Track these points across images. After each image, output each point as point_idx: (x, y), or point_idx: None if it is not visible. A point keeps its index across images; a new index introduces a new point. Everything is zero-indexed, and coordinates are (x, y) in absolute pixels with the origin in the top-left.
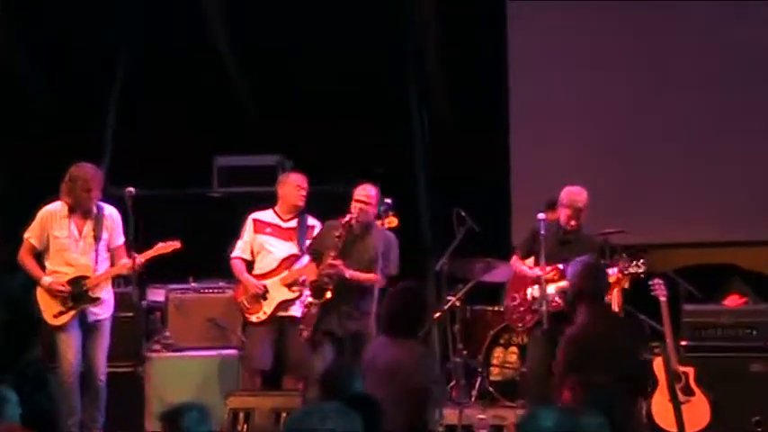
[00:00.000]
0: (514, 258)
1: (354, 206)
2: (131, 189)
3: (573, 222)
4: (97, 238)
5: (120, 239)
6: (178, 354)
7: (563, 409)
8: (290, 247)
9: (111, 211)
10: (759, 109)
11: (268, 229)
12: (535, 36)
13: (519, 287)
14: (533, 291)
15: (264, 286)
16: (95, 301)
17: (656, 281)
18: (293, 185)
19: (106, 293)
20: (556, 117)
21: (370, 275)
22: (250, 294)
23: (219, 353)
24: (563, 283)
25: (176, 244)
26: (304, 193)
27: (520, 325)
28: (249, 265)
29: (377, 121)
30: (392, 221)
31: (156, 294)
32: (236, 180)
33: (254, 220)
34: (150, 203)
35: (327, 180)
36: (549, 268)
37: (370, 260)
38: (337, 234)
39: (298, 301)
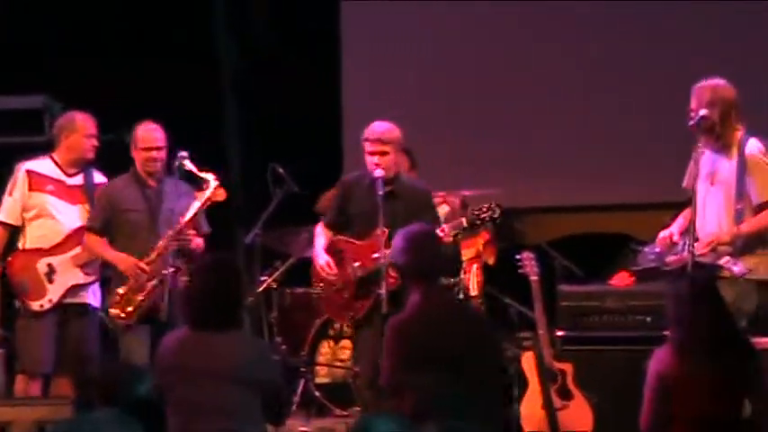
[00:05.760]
0: (319, 229)
1: (144, 156)
2: None
3: (375, 163)
4: None
5: None
6: None
7: (401, 418)
8: (79, 213)
9: None
10: (649, 56)
11: (50, 187)
12: None
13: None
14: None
15: (50, 265)
16: None
17: (526, 255)
18: (83, 133)
19: None
20: (402, 39)
21: (199, 241)
22: (41, 273)
23: None
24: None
25: None
26: (96, 142)
27: (351, 315)
28: (12, 234)
29: (170, 49)
30: (220, 195)
31: None
32: None
33: (30, 173)
34: None
35: (108, 127)
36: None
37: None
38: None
39: (90, 288)
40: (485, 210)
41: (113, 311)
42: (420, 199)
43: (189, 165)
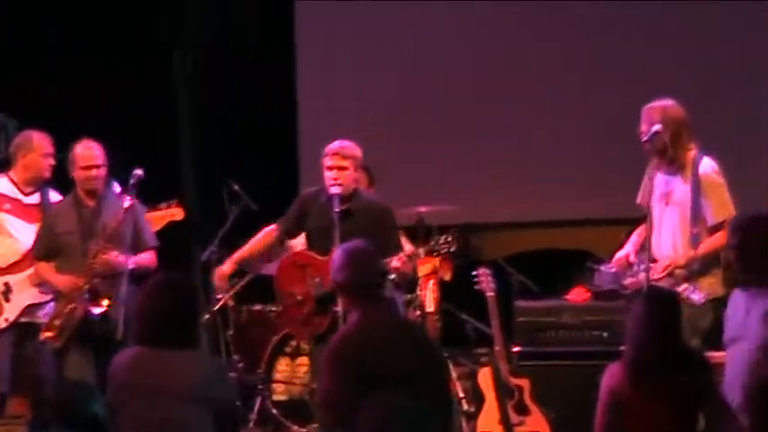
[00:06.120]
0: (263, 233)
1: (84, 174)
2: None
3: (333, 177)
4: None
5: None
6: None
7: None
8: (35, 232)
9: None
10: (609, 68)
11: (7, 205)
12: None
13: (294, 278)
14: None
15: (6, 284)
16: None
17: (482, 270)
18: (40, 152)
19: None
20: (359, 40)
21: (148, 258)
22: None
23: None
24: None
25: None
26: (53, 161)
27: (312, 331)
28: None
29: (121, 56)
30: (177, 213)
31: None
32: None
33: None
34: None
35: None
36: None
37: (117, 237)
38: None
39: (46, 307)
40: (442, 243)
41: (42, 335)
42: (379, 216)
43: (115, 186)
